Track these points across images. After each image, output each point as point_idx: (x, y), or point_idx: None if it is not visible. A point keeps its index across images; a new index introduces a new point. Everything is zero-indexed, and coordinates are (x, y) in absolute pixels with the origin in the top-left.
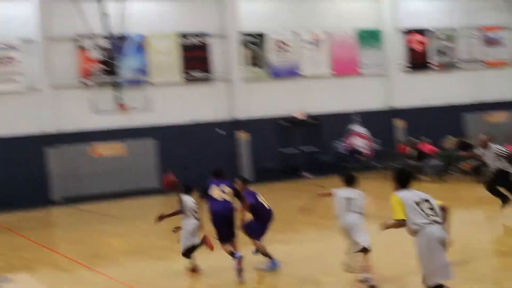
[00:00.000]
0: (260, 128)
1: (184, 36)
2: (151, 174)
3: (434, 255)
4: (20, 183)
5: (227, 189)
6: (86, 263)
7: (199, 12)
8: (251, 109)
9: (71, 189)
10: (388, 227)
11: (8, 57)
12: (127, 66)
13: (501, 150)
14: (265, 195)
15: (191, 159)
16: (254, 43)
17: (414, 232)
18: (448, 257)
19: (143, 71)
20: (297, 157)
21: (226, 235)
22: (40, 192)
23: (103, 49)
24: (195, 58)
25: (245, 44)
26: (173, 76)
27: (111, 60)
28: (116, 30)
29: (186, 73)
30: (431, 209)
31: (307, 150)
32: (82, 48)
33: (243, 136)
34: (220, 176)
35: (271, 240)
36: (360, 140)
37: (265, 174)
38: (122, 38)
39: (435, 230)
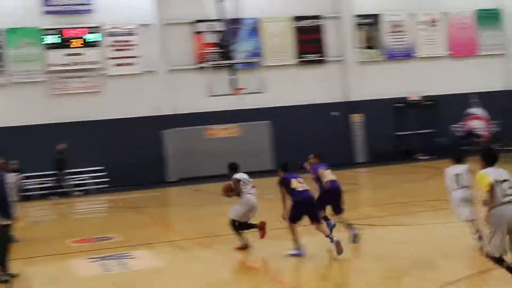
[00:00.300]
0: (374, 110)
1: (298, 18)
2: (265, 155)
3: (498, 233)
4: (138, 164)
5: (301, 180)
6: (202, 242)
7: None
8: (365, 91)
9: (186, 169)
10: (486, 202)
11: (128, 41)
12: (241, 49)
13: None
14: (379, 177)
15: (305, 141)
16: (368, 24)
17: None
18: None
19: (257, 54)
20: (412, 139)
21: (316, 216)
22: (157, 172)
23: (218, 33)
24: (309, 40)
25: (359, 25)
26: (287, 58)
27: (226, 44)
28: (231, 14)
29: (300, 55)
30: (511, 188)
31: (422, 132)
32: (197, 33)
33: (357, 118)
34: (288, 170)
35: (389, 222)
36: (477, 122)
37: (379, 156)
38: (236, 22)
39: (509, 210)
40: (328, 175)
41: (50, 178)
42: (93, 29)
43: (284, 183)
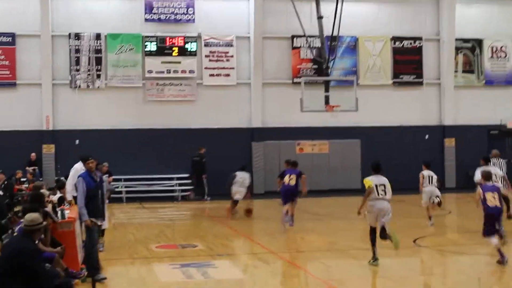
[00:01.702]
0: (468, 135)
1: (397, 39)
2: (355, 174)
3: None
4: (225, 174)
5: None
6: (285, 257)
7: (413, 16)
8: (460, 115)
9: (272, 182)
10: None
11: (224, 52)
12: (337, 66)
13: None
14: (469, 204)
15: (395, 162)
16: (469, 48)
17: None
18: None
19: (353, 72)
20: (507, 168)
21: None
22: None
23: (315, 49)
24: (406, 61)
25: (459, 49)
26: (383, 78)
27: (322, 60)
28: (330, 31)
29: (396, 76)
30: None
31: None
32: (294, 48)
33: (450, 143)
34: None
35: (474, 250)
36: None
37: (470, 183)
38: (335, 39)
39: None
40: (286, 179)
41: (139, 182)
42: (191, 38)
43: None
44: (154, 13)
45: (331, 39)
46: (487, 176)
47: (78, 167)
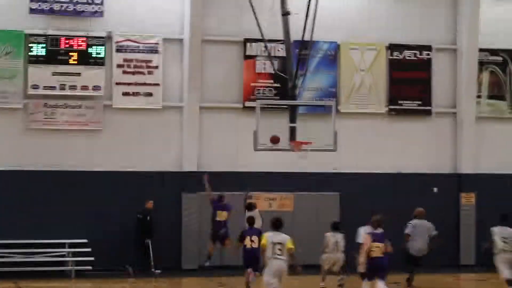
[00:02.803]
0: (495, 189)
1: (396, 47)
2: None
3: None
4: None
5: None
6: None
7: (420, 15)
8: (483, 160)
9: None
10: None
11: (146, 61)
12: (309, 85)
13: None
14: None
15: (389, 226)
16: (498, 64)
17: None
18: None
19: (331, 94)
20: None
21: None
22: (169, 254)
23: (278, 59)
24: (409, 80)
25: (484, 64)
26: (374, 104)
27: (287, 77)
28: (300, 33)
29: (393, 101)
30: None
31: None
32: (248, 56)
33: (468, 199)
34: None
35: None
36: None
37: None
38: (307, 46)
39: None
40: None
41: (13, 250)
42: (97, 40)
43: None
44: (44, 1)
45: (302, 45)
46: None
47: None
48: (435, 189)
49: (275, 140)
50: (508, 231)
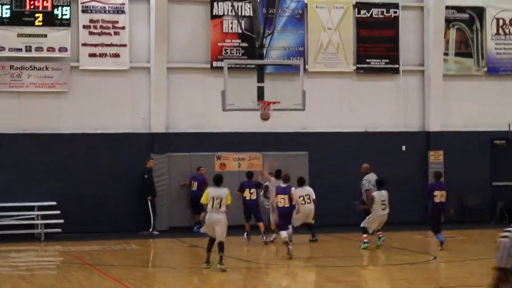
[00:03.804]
0: (463, 147)
1: (363, 5)
2: None
3: None
4: (112, 202)
5: None
6: None
7: None
8: (451, 118)
9: (180, 215)
10: None
11: (112, 22)
12: (277, 45)
13: None
14: (464, 246)
15: (357, 184)
16: (465, 21)
17: None
18: None
19: (299, 53)
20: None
21: None
22: (138, 216)
23: (245, 19)
24: (376, 38)
25: (451, 22)
26: (342, 63)
27: (255, 36)
28: None
29: (361, 60)
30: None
31: None
32: (215, 16)
33: (437, 157)
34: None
35: None
36: None
37: (467, 215)
38: (273, 4)
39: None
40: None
41: None
42: (62, 1)
43: None
44: None
45: (269, 4)
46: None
47: None
48: (404, 147)
49: (266, 116)
50: (384, 194)
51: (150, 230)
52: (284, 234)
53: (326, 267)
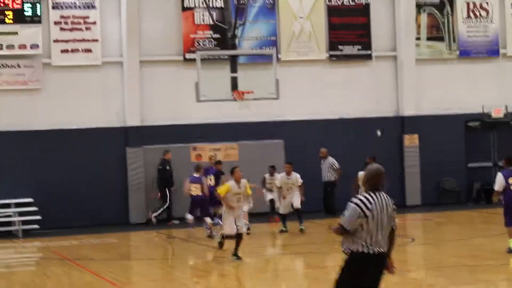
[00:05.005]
0: (438, 130)
1: None
2: None
3: None
4: (88, 198)
5: None
6: None
7: None
8: (425, 102)
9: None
10: None
11: (83, 17)
12: (249, 35)
13: None
14: (440, 228)
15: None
16: (436, 5)
17: None
18: None
19: (271, 42)
20: (491, 174)
21: None
22: (116, 209)
23: (217, 10)
24: (348, 25)
25: (422, 6)
26: (314, 51)
27: (226, 27)
28: None
29: (333, 47)
30: None
31: None
32: (186, 8)
33: (412, 141)
34: None
35: None
36: None
37: (442, 198)
38: None
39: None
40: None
41: None
42: None
43: None
44: None
45: None
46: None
47: None
48: (379, 132)
49: None
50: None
51: (172, 220)
52: (189, 216)
53: (305, 254)
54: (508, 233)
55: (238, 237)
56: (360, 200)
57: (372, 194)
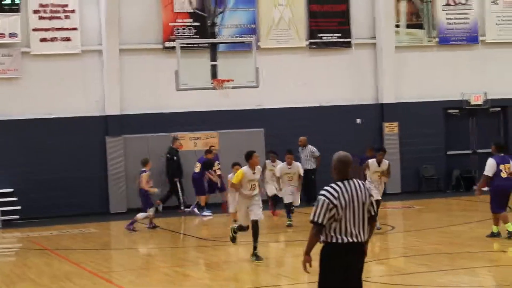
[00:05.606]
0: (418, 117)
1: None
2: None
3: None
4: (69, 187)
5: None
6: None
7: None
8: (404, 89)
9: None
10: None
11: (62, 5)
12: (228, 23)
13: None
14: (420, 215)
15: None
16: None
17: None
18: None
19: (251, 30)
20: (471, 161)
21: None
22: (97, 198)
23: None
24: (327, 13)
25: None
26: (294, 39)
27: (206, 15)
28: None
29: (313, 35)
30: None
31: (486, 151)
32: None
33: (392, 128)
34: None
35: (429, 281)
36: None
37: (422, 185)
38: None
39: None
40: None
41: None
42: None
43: None
44: None
45: None
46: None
47: None
48: (359, 120)
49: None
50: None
51: (182, 208)
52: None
53: (288, 242)
54: (494, 219)
55: (253, 228)
56: (326, 190)
57: (339, 183)
